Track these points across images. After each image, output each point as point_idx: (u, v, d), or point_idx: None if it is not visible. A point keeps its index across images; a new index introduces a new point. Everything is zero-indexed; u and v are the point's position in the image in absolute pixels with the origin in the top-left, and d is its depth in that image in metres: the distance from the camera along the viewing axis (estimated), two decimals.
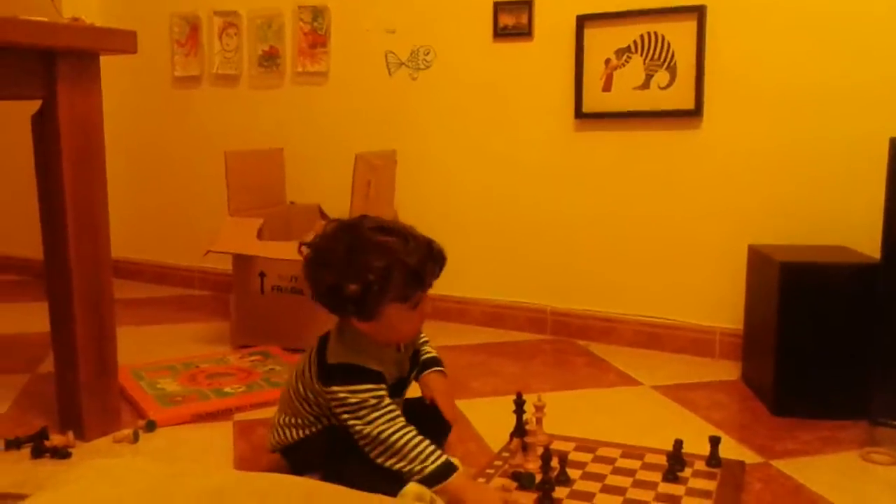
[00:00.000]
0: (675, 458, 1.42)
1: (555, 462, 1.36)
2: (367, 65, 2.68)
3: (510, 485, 1.28)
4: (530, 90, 2.41)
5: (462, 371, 2.07)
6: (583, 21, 2.28)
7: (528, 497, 1.33)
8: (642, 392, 1.94)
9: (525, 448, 1.45)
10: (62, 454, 1.51)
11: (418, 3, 2.57)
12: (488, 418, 1.72)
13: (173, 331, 2.53)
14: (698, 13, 2.12)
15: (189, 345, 2.33)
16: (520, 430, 1.53)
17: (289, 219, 2.56)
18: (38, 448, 1.52)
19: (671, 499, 1.33)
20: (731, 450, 1.55)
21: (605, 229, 2.34)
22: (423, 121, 2.60)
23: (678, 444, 1.43)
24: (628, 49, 2.23)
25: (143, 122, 3.22)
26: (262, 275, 2.27)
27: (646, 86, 2.22)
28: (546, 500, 1.30)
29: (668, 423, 1.73)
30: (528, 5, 2.37)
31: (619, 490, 1.37)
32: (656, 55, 2.20)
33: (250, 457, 1.54)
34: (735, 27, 2.10)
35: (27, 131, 1.55)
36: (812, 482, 1.43)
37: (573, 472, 1.41)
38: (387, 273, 1.25)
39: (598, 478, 1.41)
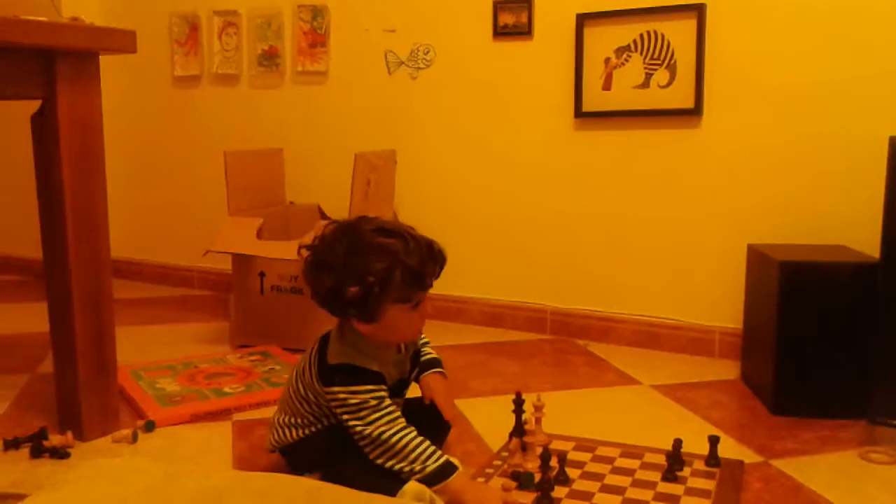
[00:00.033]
0: (675, 458, 1.42)
1: (554, 462, 1.36)
2: (367, 64, 2.68)
3: (509, 484, 1.28)
4: (530, 89, 2.41)
5: (461, 371, 2.07)
6: (583, 20, 2.28)
7: (528, 497, 1.33)
8: (641, 391, 1.94)
9: (524, 448, 1.46)
10: (61, 454, 1.51)
11: (418, 3, 2.56)
12: (487, 418, 1.72)
13: (173, 331, 2.53)
14: (698, 12, 2.12)
15: (188, 345, 2.33)
16: (519, 430, 1.53)
17: (288, 219, 2.56)
18: (37, 448, 1.51)
19: (670, 498, 1.33)
20: (730, 449, 1.55)
21: (604, 228, 2.34)
22: (422, 120, 2.60)
23: (677, 443, 1.43)
24: (628, 48, 2.23)
25: (143, 122, 3.22)
26: (262, 275, 2.27)
27: (646, 85, 2.22)
28: (545, 499, 1.31)
29: (667, 422, 1.73)
30: (527, 4, 2.37)
31: (619, 490, 1.37)
32: (656, 54, 2.20)
33: (249, 457, 1.54)
34: (735, 26, 2.10)
35: (27, 131, 1.55)
36: (811, 481, 1.43)
37: (572, 472, 1.42)
38: (387, 274, 1.25)
39: (597, 477, 1.41)
